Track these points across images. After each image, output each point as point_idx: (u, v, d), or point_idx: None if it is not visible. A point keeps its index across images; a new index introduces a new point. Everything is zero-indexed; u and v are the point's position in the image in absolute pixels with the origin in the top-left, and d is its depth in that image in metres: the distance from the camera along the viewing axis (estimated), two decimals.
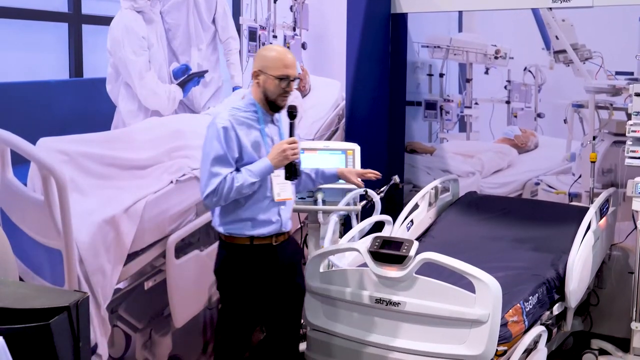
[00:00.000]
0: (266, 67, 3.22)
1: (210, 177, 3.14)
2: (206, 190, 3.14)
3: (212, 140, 3.16)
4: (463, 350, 3.15)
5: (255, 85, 3.27)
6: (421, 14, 5.63)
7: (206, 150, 3.19)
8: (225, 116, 3.20)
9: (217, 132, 3.16)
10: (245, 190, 3.17)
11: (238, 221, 3.25)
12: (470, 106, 5.54)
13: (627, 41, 4.85)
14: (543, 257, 4.21)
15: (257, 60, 3.26)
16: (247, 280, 3.28)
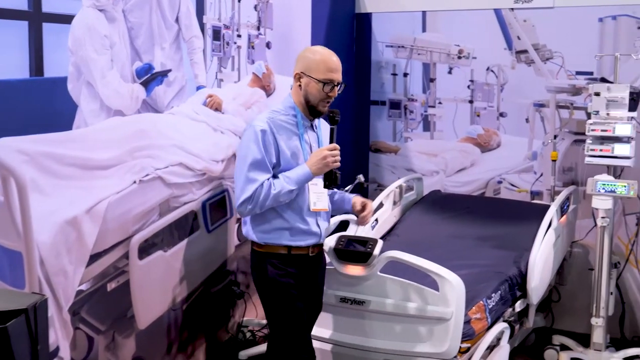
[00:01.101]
0: (310, 69, 3.07)
1: (247, 183, 2.97)
2: (242, 197, 2.99)
3: (250, 143, 3.00)
4: (427, 348, 3.18)
5: (296, 88, 3.12)
6: (385, 14, 5.65)
7: (242, 153, 3.03)
8: (263, 119, 3.04)
9: (255, 135, 2.99)
10: (283, 198, 3.01)
11: (275, 230, 3.09)
12: (434, 105, 5.58)
13: (587, 41, 4.92)
14: (505, 255, 4.26)
15: (300, 62, 3.10)
16: (291, 287, 3.11)
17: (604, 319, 4.40)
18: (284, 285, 3.09)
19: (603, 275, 4.39)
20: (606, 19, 4.90)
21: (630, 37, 4.82)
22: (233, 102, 4.52)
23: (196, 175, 4.18)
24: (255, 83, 4.76)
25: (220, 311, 4.59)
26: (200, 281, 4.35)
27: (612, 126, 4.24)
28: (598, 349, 4.44)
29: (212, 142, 4.32)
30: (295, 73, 3.09)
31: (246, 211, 3.02)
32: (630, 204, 4.87)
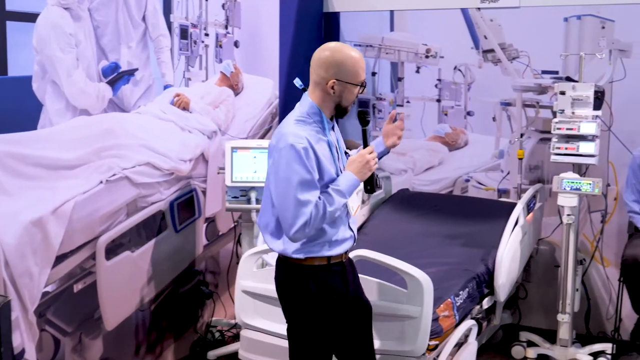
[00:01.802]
0: (346, 75, 2.79)
1: (300, 207, 2.68)
2: (297, 223, 2.68)
3: (292, 164, 2.70)
4: (395, 346, 3.19)
5: (323, 94, 2.83)
6: (353, 13, 5.66)
7: (284, 175, 2.71)
8: (300, 133, 2.74)
9: (296, 155, 2.69)
10: (338, 213, 2.81)
11: (314, 245, 2.83)
12: (402, 104, 5.60)
13: (553, 41, 4.97)
14: (473, 253, 4.29)
15: (332, 68, 2.79)
16: (339, 302, 2.89)
17: (570, 315, 4.45)
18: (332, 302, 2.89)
19: (569, 272, 4.44)
20: (571, 18, 4.95)
21: (594, 37, 4.88)
22: (201, 101, 4.50)
23: (164, 174, 4.16)
24: (223, 82, 4.75)
25: (189, 311, 4.58)
26: (168, 281, 4.33)
27: (577, 125, 4.29)
28: (564, 345, 4.49)
29: (180, 141, 4.30)
30: (327, 82, 2.79)
31: (302, 236, 2.74)
32: (595, 202, 4.94)
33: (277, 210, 2.76)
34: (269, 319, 3.48)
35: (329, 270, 2.87)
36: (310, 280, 2.84)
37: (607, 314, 5.00)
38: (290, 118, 2.85)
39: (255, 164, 4.21)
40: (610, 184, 4.93)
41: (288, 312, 2.98)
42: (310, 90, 2.88)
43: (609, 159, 4.89)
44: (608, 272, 4.99)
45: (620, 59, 4.82)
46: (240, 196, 4.21)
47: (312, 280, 2.84)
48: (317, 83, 2.84)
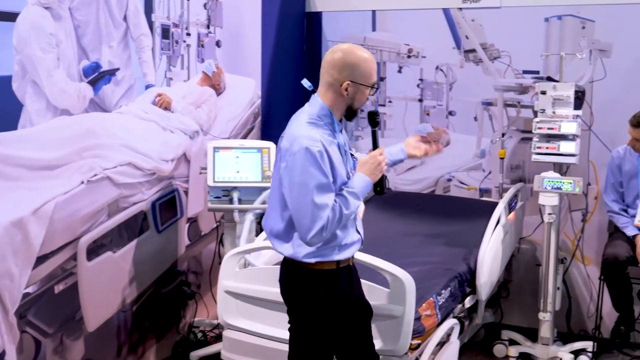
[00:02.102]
0: (361, 77, 2.77)
1: (317, 211, 2.64)
2: (314, 227, 2.64)
3: (308, 168, 2.65)
4: (378, 345, 3.18)
5: (335, 96, 2.79)
6: (335, 13, 5.66)
7: (300, 179, 2.67)
8: (314, 136, 2.70)
9: (312, 159, 2.65)
10: (353, 215, 2.81)
11: (325, 249, 2.81)
12: (384, 104, 5.61)
13: (534, 41, 5.00)
14: (455, 252, 4.31)
15: (345, 70, 2.76)
16: (345, 305, 2.90)
17: (551, 314, 4.48)
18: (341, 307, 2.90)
19: (550, 270, 4.47)
20: (552, 18, 4.98)
21: (575, 37, 4.91)
22: (183, 101, 4.49)
23: (145, 175, 4.15)
24: (205, 82, 4.74)
25: (171, 312, 4.56)
26: (150, 282, 4.31)
27: (558, 124, 4.31)
28: (546, 343, 4.52)
29: (162, 141, 4.29)
30: (341, 83, 2.75)
31: (319, 240, 2.70)
32: (576, 201, 4.97)
33: (293, 215, 2.71)
34: (251, 319, 3.48)
35: (338, 275, 2.86)
36: (320, 286, 2.82)
37: (588, 312, 5.04)
38: (300, 120, 2.80)
39: (238, 164, 4.20)
40: (590, 183, 4.97)
41: (293, 313, 2.98)
42: (321, 91, 2.83)
43: (589, 158, 4.93)
44: (589, 271, 5.03)
45: (601, 59, 4.85)
46: (222, 196, 4.20)
47: (322, 286, 2.82)
48: (329, 84, 2.79)
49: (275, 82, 5.29)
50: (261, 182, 4.19)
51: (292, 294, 2.93)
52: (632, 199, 4.54)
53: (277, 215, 2.84)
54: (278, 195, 2.80)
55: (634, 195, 4.52)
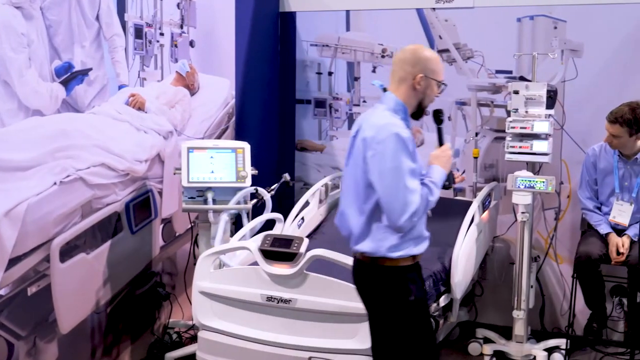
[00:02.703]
0: (433, 71, 2.89)
1: (408, 195, 2.70)
2: (407, 210, 2.70)
3: (399, 152, 2.71)
4: (353, 345, 3.21)
5: (408, 91, 2.88)
6: (309, 13, 5.66)
7: (391, 164, 2.71)
8: (399, 124, 2.77)
9: (403, 144, 2.72)
10: (434, 205, 2.86)
11: (405, 242, 2.84)
12: (358, 104, 5.62)
13: (506, 41, 5.04)
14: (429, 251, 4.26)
15: (419, 64, 2.87)
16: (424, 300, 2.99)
17: (525, 312, 4.51)
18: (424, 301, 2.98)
19: (524, 269, 4.50)
20: (524, 19, 5.02)
21: (547, 37, 4.95)
22: (156, 101, 4.47)
23: (119, 175, 4.12)
24: (179, 82, 4.72)
25: (146, 313, 4.54)
26: (124, 283, 4.29)
27: (531, 123, 4.35)
28: (520, 341, 4.55)
29: (136, 141, 4.26)
30: (415, 76, 2.86)
31: (410, 225, 2.76)
32: (549, 199, 5.02)
33: (384, 201, 2.74)
34: (226, 320, 3.47)
35: (418, 269, 2.94)
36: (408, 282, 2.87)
37: (561, 310, 5.08)
38: (379, 112, 2.86)
39: (212, 164, 4.18)
40: (563, 181, 5.02)
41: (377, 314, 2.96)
42: (394, 87, 2.91)
43: (561, 157, 4.98)
44: (562, 269, 5.08)
45: (572, 59, 4.91)
46: (197, 197, 4.18)
47: (410, 282, 2.87)
48: (403, 79, 2.88)
49: (249, 82, 5.28)
50: (236, 182, 4.18)
51: (378, 294, 2.92)
52: (606, 197, 4.59)
53: (356, 210, 2.86)
54: (356, 190, 2.84)
55: (608, 192, 4.57)
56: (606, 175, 4.57)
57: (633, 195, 4.44)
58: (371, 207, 2.81)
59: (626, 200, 4.47)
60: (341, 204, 2.97)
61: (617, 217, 4.47)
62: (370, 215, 2.82)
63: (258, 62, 5.37)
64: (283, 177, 4.60)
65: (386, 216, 2.76)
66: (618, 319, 4.90)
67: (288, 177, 4.61)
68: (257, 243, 3.41)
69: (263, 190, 4.27)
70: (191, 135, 4.77)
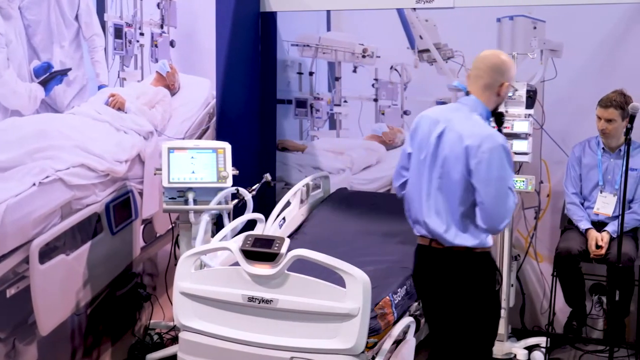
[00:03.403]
0: (511, 77, 3.16)
1: (510, 202, 3.01)
2: (508, 216, 3.02)
3: (505, 163, 2.99)
4: (334, 344, 3.20)
5: (493, 96, 3.14)
6: (290, 13, 5.66)
7: (500, 174, 2.98)
8: (499, 134, 3.05)
9: (507, 155, 3.01)
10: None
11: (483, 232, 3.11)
12: (339, 104, 5.63)
13: (486, 41, 5.06)
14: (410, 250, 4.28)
15: (504, 73, 3.12)
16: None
17: (505, 310, 4.54)
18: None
19: (504, 267, 4.53)
20: (504, 19, 5.05)
21: (526, 37, 4.99)
22: (136, 102, 4.45)
23: (99, 176, 4.10)
24: (159, 82, 4.70)
25: (127, 314, 4.52)
26: (105, 284, 4.27)
27: (511, 123, 4.38)
28: (500, 340, 4.57)
29: (115, 142, 4.24)
30: (502, 83, 3.11)
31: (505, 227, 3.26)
32: (529, 199, 5.05)
33: (489, 207, 2.97)
34: (207, 321, 3.45)
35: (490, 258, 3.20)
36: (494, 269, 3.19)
37: (542, 308, 5.12)
38: (473, 119, 3.07)
39: (193, 165, 4.17)
40: (543, 181, 5.05)
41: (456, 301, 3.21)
42: (479, 93, 3.12)
43: (541, 156, 5.01)
44: (542, 268, 5.11)
45: (552, 59, 4.94)
46: (177, 197, 4.17)
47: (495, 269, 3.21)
48: (488, 85, 3.11)
49: (230, 82, 5.27)
50: (216, 182, 4.17)
51: (467, 278, 3.16)
52: (589, 191, 4.62)
53: (449, 209, 3.08)
54: (449, 189, 3.07)
55: (592, 186, 4.61)
56: (590, 170, 4.62)
57: (616, 187, 4.48)
58: (465, 209, 3.06)
59: (610, 193, 4.52)
60: (424, 199, 3.18)
61: (601, 208, 4.53)
62: (464, 215, 3.07)
63: (239, 62, 5.36)
64: (264, 177, 4.59)
65: (486, 220, 3.01)
66: (597, 317, 4.94)
67: (269, 177, 4.61)
68: (238, 243, 3.39)
69: (244, 191, 4.26)
70: (172, 135, 4.76)
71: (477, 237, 3.09)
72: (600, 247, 4.40)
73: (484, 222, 3.02)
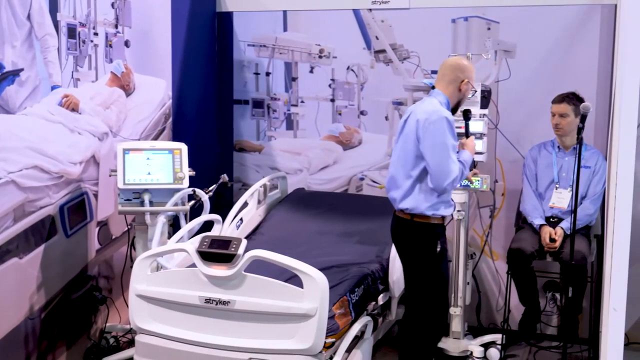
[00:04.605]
0: (471, 77, 3.77)
1: (452, 165, 3.56)
2: (450, 177, 3.55)
3: (447, 132, 3.56)
4: (292, 345, 3.21)
5: (455, 92, 3.75)
6: (247, 13, 5.65)
7: (440, 140, 3.55)
8: (445, 110, 3.64)
9: (449, 125, 3.57)
10: (463, 179, 3.79)
11: (438, 203, 3.66)
12: (296, 104, 5.63)
13: (442, 41, 5.11)
14: (368, 250, 4.36)
15: (465, 71, 3.74)
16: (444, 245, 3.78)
17: (461, 308, 4.59)
18: (446, 252, 3.80)
19: (460, 266, 4.58)
20: (458, 20, 5.10)
21: (480, 38, 5.04)
22: (91, 102, 4.39)
23: (53, 178, 4.04)
24: (114, 82, 4.65)
25: (82, 318, 4.46)
26: (59, 288, 4.21)
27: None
28: (457, 337, 4.63)
29: (69, 143, 4.19)
30: (462, 80, 3.73)
31: (451, 188, 3.65)
32: (484, 197, 5.11)
33: (433, 169, 3.57)
34: (164, 323, 3.43)
35: (443, 228, 3.79)
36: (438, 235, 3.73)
37: (497, 306, 5.18)
38: (431, 103, 3.68)
39: (149, 166, 4.14)
40: (498, 180, 5.11)
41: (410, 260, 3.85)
42: (443, 87, 3.76)
43: (496, 156, 5.07)
44: (497, 266, 5.17)
45: (505, 60, 5.00)
46: (133, 199, 4.13)
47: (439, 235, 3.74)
48: (452, 81, 3.74)
49: (186, 83, 5.24)
50: (173, 183, 4.14)
51: (413, 245, 3.78)
52: (544, 188, 4.69)
53: (404, 175, 3.69)
54: (405, 160, 3.68)
55: (547, 183, 4.68)
56: (546, 168, 4.69)
57: (570, 184, 4.56)
58: (417, 173, 3.64)
59: (564, 189, 4.60)
60: (391, 171, 3.80)
61: (556, 202, 4.61)
62: (415, 180, 3.65)
63: (195, 62, 5.33)
64: (221, 178, 4.57)
65: (433, 180, 3.59)
66: (551, 314, 5.02)
67: (226, 178, 4.59)
68: (195, 245, 3.38)
69: (201, 192, 4.24)
70: (127, 136, 4.71)
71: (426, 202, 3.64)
72: (554, 241, 4.47)
73: (432, 182, 3.59)
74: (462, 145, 3.88)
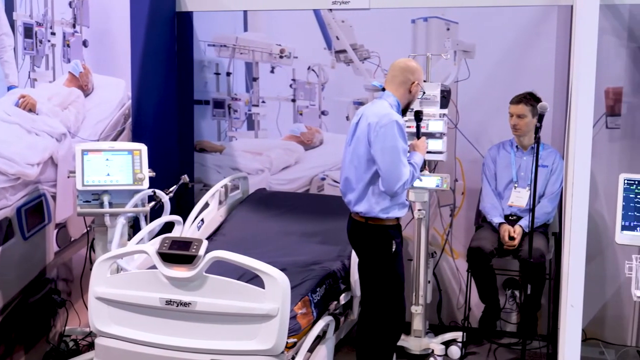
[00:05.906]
0: (419, 78, 3.80)
1: (402, 168, 3.60)
2: (401, 180, 3.60)
3: (397, 135, 3.59)
4: (254, 345, 3.20)
5: (405, 93, 3.79)
6: (207, 13, 5.62)
7: (391, 144, 3.58)
8: (395, 114, 3.66)
9: (399, 129, 3.61)
10: (414, 181, 3.80)
11: (391, 206, 3.71)
12: (257, 104, 5.62)
13: (402, 42, 5.14)
14: (330, 250, 4.37)
15: (415, 73, 3.78)
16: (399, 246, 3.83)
17: (422, 307, 4.62)
18: (401, 252, 3.84)
19: (421, 265, 4.61)
20: (418, 20, 5.14)
21: (440, 38, 5.08)
22: (48, 103, 4.34)
23: (9, 179, 3.98)
24: (72, 82, 4.60)
25: (40, 321, 4.40)
26: (17, 291, 4.15)
27: (426, 122, 4.45)
28: (418, 336, 4.66)
29: (27, 144, 4.13)
30: (411, 82, 3.77)
31: (402, 191, 3.68)
32: (444, 197, 5.15)
33: (383, 172, 3.61)
34: (124, 325, 3.40)
35: (398, 229, 3.83)
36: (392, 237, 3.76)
37: (458, 304, 5.23)
38: (382, 105, 3.72)
39: (108, 167, 4.10)
40: (457, 179, 5.16)
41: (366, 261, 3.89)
42: (394, 89, 3.79)
43: (456, 155, 5.12)
44: (457, 264, 5.22)
45: (465, 60, 5.05)
46: (92, 200, 4.09)
47: (393, 237, 3.77)
48: (402, 83, 3.78)
49: (145, 83, 5.19)
50: (132, 184, 4.11)
51: (364, 243, 3.83)
52: (503, 187, 4.74)
53: (356, 178, 3.73)
54: (358, 163, 3.71)
55: (506, 183, 4.73)
56: (505, 167, 4.74)
57: (528, 183, 4.61)
58: (369, 177, 3.68)
59: (523, 188, 4.66)
60: (344, 174, 3.82)
61: (515, 201, 4.66)
62: (368, 183, 3.69)
63: (155, 62, 5.29)
64: (182, 178, 4.54)
65: (384, 184, 3.62)
66: (511, 311, 5.08)
67: (187, 178, 4.56)
68: (155, 246, 3.35)
69: (161, 193, 4.21)
70: (86, 137, 4.66)
71: (379, 205, 3.69)
72: (513, 239, 4.52)
73: (383, 185, 3.63)
74: (413, 147, 3.93)
